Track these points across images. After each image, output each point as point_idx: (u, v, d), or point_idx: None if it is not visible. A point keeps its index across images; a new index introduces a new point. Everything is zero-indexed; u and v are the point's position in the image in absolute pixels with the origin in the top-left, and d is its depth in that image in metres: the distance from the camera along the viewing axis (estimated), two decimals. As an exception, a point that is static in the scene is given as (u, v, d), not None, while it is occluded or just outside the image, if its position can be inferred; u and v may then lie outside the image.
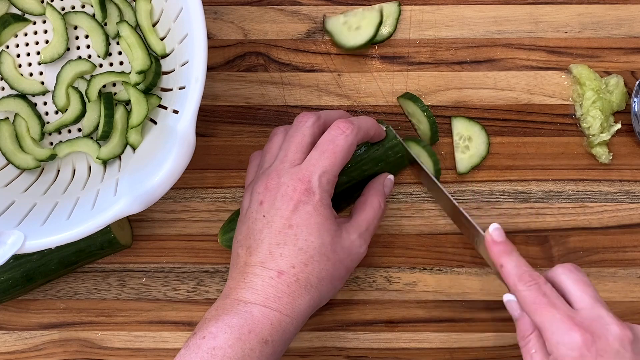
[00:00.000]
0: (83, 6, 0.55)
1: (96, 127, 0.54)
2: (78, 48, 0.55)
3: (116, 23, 0.53)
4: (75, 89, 0.54)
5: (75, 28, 0.55)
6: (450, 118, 0.57)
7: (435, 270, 0.57)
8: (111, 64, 0.55)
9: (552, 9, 0.58)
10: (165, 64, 0.53)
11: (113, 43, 0.55)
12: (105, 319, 0.58)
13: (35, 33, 0.55)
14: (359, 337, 0.57)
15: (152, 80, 0.53)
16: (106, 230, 0.54)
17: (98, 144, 0.54)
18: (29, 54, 0.55)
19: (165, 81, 0.54)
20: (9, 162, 0.54)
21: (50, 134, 0.56)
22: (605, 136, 0.56)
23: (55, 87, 0.54)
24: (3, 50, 0.55)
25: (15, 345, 0.58)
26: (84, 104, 0.54)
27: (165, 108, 0.52)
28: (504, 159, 0.58)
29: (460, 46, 0.58)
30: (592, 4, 0.58)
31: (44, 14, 0.54)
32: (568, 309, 0.45)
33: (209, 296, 0.58)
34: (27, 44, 0.55)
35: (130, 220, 0.58)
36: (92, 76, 0.53)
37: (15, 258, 0.54)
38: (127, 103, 0.54)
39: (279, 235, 0.47)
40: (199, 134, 0.49)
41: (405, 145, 0.55)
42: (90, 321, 0.58)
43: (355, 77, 0.58)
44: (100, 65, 0.55)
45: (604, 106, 0.56)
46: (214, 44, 0.58)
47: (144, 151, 0.51)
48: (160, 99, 0.53)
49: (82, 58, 0.55)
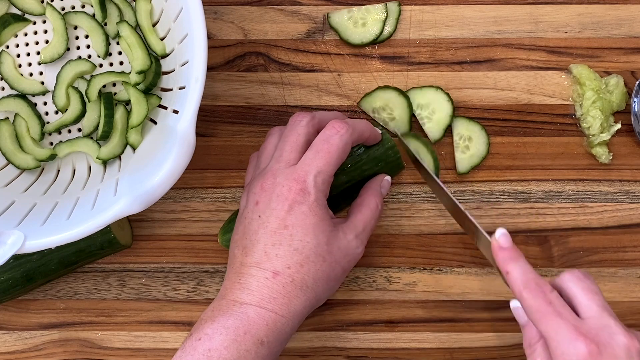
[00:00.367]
0: (83, 6, 0.55)
1: (96, 127, 0.54)
2: (78, 48, 0.55)
3: (116, 23, 0.53)
4: (75, 89, 0.54)
5: (75, 28, 0.55)
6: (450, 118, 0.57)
7: (435, 270, 0.57)
8: (111, 64, 0.55)
9: (552, 9, 0.58)
10: (165, 64, 0.53)
11: (113, 43, 0.55)
12: (105, 319, 0.58)
13: (35, 33, 0.55)
14: (359, 337, 0.57)
15: (152, 80, 0.53)
16: (106, 230, 0.54)
17: (98, 144, 0.54)
18: (29, 54, 0.55)
19: (165, 81, 0.54)
20: (9, 162, 0.54)
21: (50, 134, 0.56)
22: (605, 136, 0.56)
23: (55, 87, 0.54)
24: (3, 50, 0.55)
25: (15, 345, 0.58)
26: (84, 104, 0.54)
27: (165, 108, 0.52)
28: (504, 159, 0.58)
29: (460, 46, 0.58)
30: (592, 4, 0.58)
31: (44, 14, 0.54)
32: (574, 318, 0.44)
33: (209, 296, 0.58)
34: (27, 44, 0.55)
35: (130, 220, 0.58)
36: (92, 76, 0.53)
37: (15, 258, 0.54)
38: (127, 103, 0.54)
39: (274, 235, 0.47)
40: (199, 134, 0.49)
41: (404, 141, 0.55)
42: (90, 321, 0.58)
43: (355, 77, 0.58)
44: (100, 65, 0.55)
45: (604, 106, 0.56)
46: (214, 44, 0.58)
47: (144, 151, 0.51)
48: (160, 99, 0.53)
49: (82, 58, 0.55)
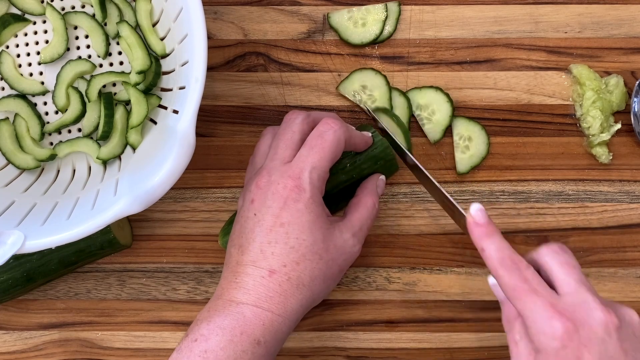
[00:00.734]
0: (83, 6, 0.55)
1: (96, 127, 0.54)
2: (78, 48, 0.55)
3: (116, 23, 0.53)
4: (75, 89, 0.54)
5: (75, 28, 0.55)
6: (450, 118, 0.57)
7: (435, 270, 0.57)
8: (111, 64, 0.55)
9: (552, 9, 0.58)
10: (165, 64, 0.53)
11: (113, 43, 0.55)
12: (105, 319, 0.58)
13: (35, 33, 0.55)
14: (359, 337, 0.57)
15: (152, 80, 0.53)
16: (106, 230, 0.54)
17: (98, 144, 0.54)
18: (29, 54, 0.55)
19: (165, 81, 0.54)
20: (9, 162, 0.54)
21: (50, 134, 0.56)
22: (605, 136, 0.56)
23: (55, 87, 0.54)
24: (3, 50, 0.55)
25: (15, 345, 0.58)
26: (84, 104, 0.54)
27: (165, 108, 0.52)
28: (504, 159, 0.58)
29: (460, 46, 0.58)
30: (592, 4, 0.58)
31: (44, 14, 0.54)
32: (551, 295, 0.43)
33: (209, 296, 0.58)
34: (27, 44, 0.55)
35: (130, 220, 0.58)
36: (92, 76, 0.53)
37: (15, 258, 0.54)
38: (127, 103, 0.54)
39: (270, 233, 0.47)
40: (199, 134, 0.49)
41: (375, 116, 0.55)
42: (90, 321, 0.58)
43: (355, 77, 0.58)
44: (100, 65, 0.55)
45: (604, 106, 0.56)
46: (214, 44, 0.59)
47: (144, 151, 0.51)
48: (160, 99, 0.53)
49: (82, 58, 0.55)
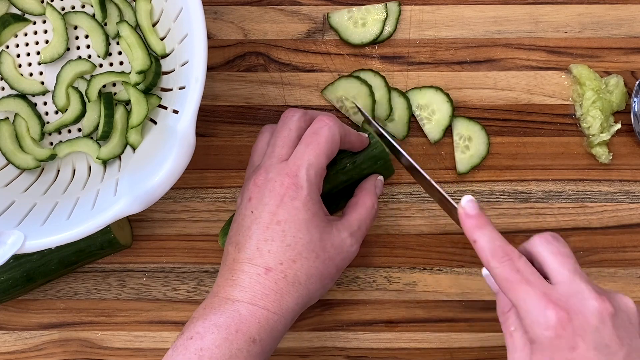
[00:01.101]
0: (83, 6, 0.55)
1: (96, 127, 0.54)
2: (78, 48, 0.55)
3: (116, 23, 0.53)
4: (75, 89, 0.54)
5: (75, 28, 0.55)
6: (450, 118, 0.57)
7: (435, 270, 0.57)
8: (111, 64, 0.55)
9: (552, 9, 0.58)
10: (165, 64, 0.53)
11: (113, 43, 0.55)
12: (105, 319, 0.58)
13: (35, 33, 0.55)
14: (359, 337, 0.57)
15: (152, 80, 0.53)
16: (106, 230, 0.54)
17: (98, 144, 0.54)
18: (29, 54, 0.55)
19: (165, 81, 0.54)
20: (9, 162, 0.54)
21: (50, 134, 0.56)
22: (605, 136, 0.56)
23: (55, 87, 0.54)
24: (3, 50, 0.55)
25: (15, 345, 0.58)
26: (84, 104, 0.54)
27: (165, 108, 0.52)
28: (504, 159, 0.58)
29: (460, 46, 0.58)
30: (592, 4, 0.58)
31: (44, 14, 0.54)
32: (544, 285, 0.42)
33: (209, 296, 0.58)
34: (27, 44, 0.55)
35: (130, 220, 0.58)
36: (92, 76, 0.53)
37: (15, 258, 0.54)
38: (127, 103, 0.54)
39: (266, 231, 0.47)
40: (199, 134, 0.49)
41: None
42: (90, 321, 0.58)
43: (355, 77, 0.58)
44: (100, 65, 0.55)
45: (604, 106, 0.56)
46: (214, 44, 0.58)
47: (144, 151, 0.51)
48: (160, 99, 0.53)
49: (82, 58, 0.55)
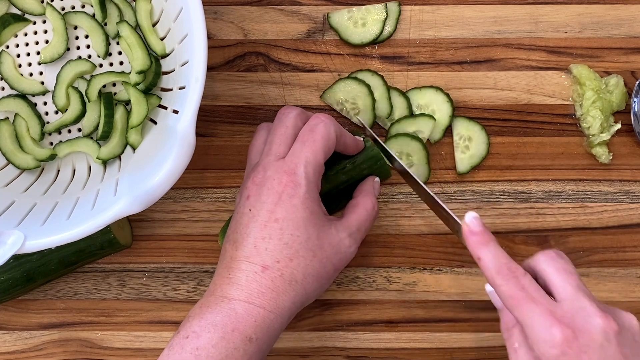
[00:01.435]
0: (83, 6, 0.55)
1: (96, 127, 0.54)
2: (78, 48, 0.55)
3: (116, 23, 0.53)
4: (75, 89, 0.54)
5: (75, 28, 0.55)
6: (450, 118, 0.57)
7: (435, 270, 0.57)
8: (111, 64, 0.55)
9: (552, 9, 0.58)
10: (165, 64, 0.53)
11: (113, 43, 0.55)
12: (105, 319, 0.58)
13: (35, 33, 0.55)
14: (359, 337, 0.57)
15: (152, 80, 0.53)
16: (106, 230, 0.54)
17: (98, 144, 0.54)
18: (29, 54, 0.55)
19: (165, 81, 0.54)
20: (9, 162, 0.54)
21: (50, 134, 0.56)
22: (605, 136, 0.56)
23: (55, 87, 0.54)
24: (3, 50, 0.55)
25: (15, 345, 0.58)
26: (84, 104, 0.54)
27: (165, 108, 0.52)
28: (504, 159, 0.58)
29: (460, 46, 0.58)
30: (592, 4, 0.58)
31: (44, 14, 0.54)
32: (548, 302, 0.43)
33: (209, 296, 0.58)
34: (27, 44, 0.55)
35: (130, 220, 0.58)
36: (92, 76, 0.53)
37: (15, 258, 0.54)
38: (127, 103, 0.54)
39: (264, 229, 0.47)
40: (199, 134, 0.49)
41: (385, 146, 0.55)
42: (90, 321, 0.58)
43: (355, 77, 0.58)
44: (100, 65, 0.55)
45: (604, 106, 0.56)
46: (214, 44, 0.58)
47: (144, 151, 0.51)
48: (160, 99, 0.53)
49: (82, 58, 0.55)
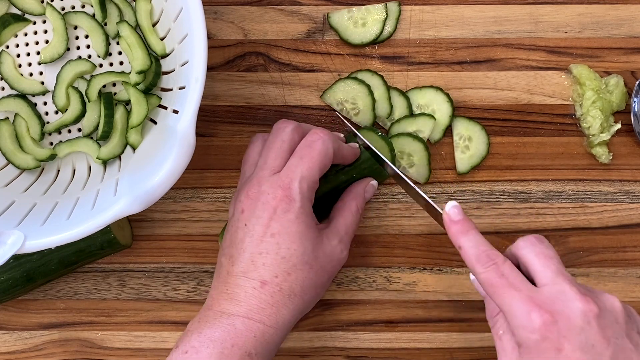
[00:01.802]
0: (83, 6, 0.55)
1: (96, 127, 0.54)
2: (78, 48, 0.55)
3: (116, 23, 0.53)
4: (75, 89, 0.54)
5: (75, 28, 0.55)
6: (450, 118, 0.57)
7: (435, 270, 0.57)
8: (111, 64, 0.55)
9: (552, 9, 0.58)
10: (165, 64, 0.53)
11: (113, 43, 0.55)
12: (105, 319, 0.58)
13: (35, 33, 0.55)
14: (359, 337, 0.57)
15: (152, 80, 0.53)
16: (106, 230, 0.54)
17: (98, 144, 0.54)
18: (29, 54, 0.55)
19: (165, 81, 0.54)
20: (9, 162, 0.54)
21: (50, 134, 0.56)
22: (605, 136, 0.56)
23: (55, 87, 0.54)
24: (3, 50, 0.55)
25: (15, 345, 0.58)
26: (84, 104, 0.54)
27: (165, 108, 0.52)
28: (504, 159, 0.58)
29: (460, 46, 0.58)
30: (592, 4, 0.58)
31: (44, 14, 0.54)
32: (529, 288, 0.43)
33: (209, 296, 0.58)
34: (27, 44, 0.55)
35: (130, 220, 0.58)
36: (92, 76, 0.53)
37: (15, 258, 0.54)
38: (127, 103, 0.54)
39: (260, 244, 0.47)
40: (199, 134, 0.49)
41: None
42: (90, 321, 0.58)
43: (355, 77, 0.58)
44: (100, 65, 0.55)
45: (604, 106, 0.56)
46: (214, 44, 0.58)
47: (144, 151, 0.51)
48: (160, 99, 0.53)
49: (82, 58, 0.55)
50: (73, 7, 0.55)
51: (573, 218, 0.57)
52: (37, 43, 0.55)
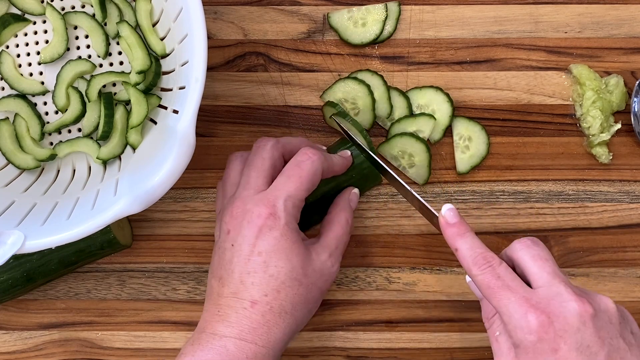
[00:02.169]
0: (83, 6, 0.55)
1: (96, 127, 0.54)
2: (78, 48, 0.55)
3: (116, 23, 0.53)
4: (75, 89, 0.54)
5: (75, 28, 0.55)
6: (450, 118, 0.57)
7: (435, 270, 0.57)
8: (111, 64, 0.55)
9: (552, 9, 0.58)
10: (165, 64, 0.53)
11: (113, 43, 0.55)
12: (105, 319, 0.58)
13: (35, 33, 0.55)
14: (359, 337, 0.57)
15: (152, 80, 0.53)
16: (106, 230, 0.54)
17: (98, 144, 0.54)
18: (29, 54, 0.55)
19: (165, 81, 0.54)
20: (9, 162, 0.54)
21: (50, 134, 0.56)
22: (605, 136, 0.56)
23: (55, 87, 0.54)
24: (3, 50, 0.55)
25: (15, 345, 0.58)
26: (84, 104, 0.54)
27: (165, 108, 0.52)
28: (504, 159, 0.58)
29: (460, 46, 0.58)
30: (592, 4, 0.58)
31: (44, 14, 0.54)
32: (524, 290, 0.43)
33: (209, 296, 0.58)
34: (27, 44, 0.55)
35: (130, 220, 0.58)
36: (92, 76, 0.53)
37: (15, 258, 0.54)
38: (127, 103, 0.54)
39: (248, 263, 0.47)
40: (199, 134, 0.49)
41: (337, 121, 0.54)
42: (90, 321, 0.58)
43: (355, 77, 0.58)
44: (100, 65, 0.55)
45: (604, 106, 0.56)
46: (214, 44, 0.58)
47: (144, 151, 0.51)
48: (160, 99, 0.53)
49: (82, 58, 0.55)
50: (73, 7, 0.55)
51: (573, 218, 0.57)
52: (37, 43, 0.55)
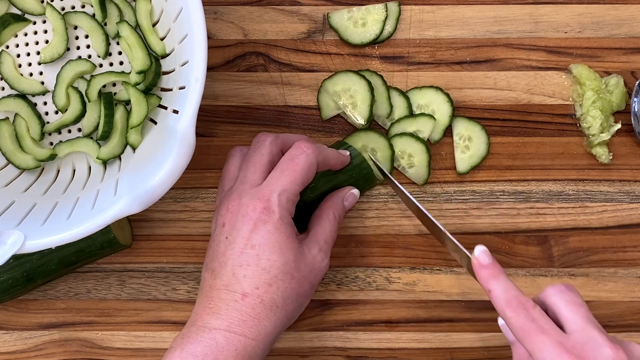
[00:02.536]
0: (83, 6, 0.55)
1: (96, 127, 0.54)
2: (78, 48, 0.55)
3: (116, 23, 0.53)
4: (75, 89, 0.54)
5: (75, 28, 0.55)
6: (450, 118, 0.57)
7: (435, 270, 0.57)
8: (111, 64, 0.55)
9: (552, 9, 0.58)
10: (165, 64, 0.53)
11: (113, 43, 0.55)
12: (105, 319, 0.58)
13: (35, 33, 0.55)
14: (359, 337, 0.57)
15: (152, 80, 0.53)
16: (106, 230, 0.54)
17: (98, 144, 0.54)
18: (29, 54, 0.55)
19: (165, 81, 0.54)
20: (9, 162, 0.54)
21: (50, 134, 0.56)
22: (605, 136, 0.56)
23: (55, 87, 0.54)
24: (3, 50, 0.55)
25: (15, 345, 0.58)
26: (84, 104, 0.54)
27: (165, 108, 0.52)
28: (504, 159, 0.58)
29: (460, 46, 0.58)
30: (592, 4, 0.58)
31: (44, 14, 0.54)
32: (558, 333, 0.43)
33: (209, 296, 0.58)
34: (27, 44, 0.55)
35: (130, 220, 0.58)
36: (92, 76, 0.53)
37: (15, 258, 0.54)
38: (127, 103, 0.54)
39: (241, 256, 0.47)
40: (199, 134, 0.49)
41: (378, 162, 0.55)
42: (90, 321, 0.58)
43: (355, 77, 0.58)
44: (100, 65, 0.55)
45: (604, 106, 0.56)
46: (214, 44, 0.59)
47: (144, 151, 0.51)
48: (160, 99, 0.53)
49: (82, 58, 0.55)
50: (73, 7, 0.55)
51: (573, 218, 0.57)
52: (37, 43, 0.55)
